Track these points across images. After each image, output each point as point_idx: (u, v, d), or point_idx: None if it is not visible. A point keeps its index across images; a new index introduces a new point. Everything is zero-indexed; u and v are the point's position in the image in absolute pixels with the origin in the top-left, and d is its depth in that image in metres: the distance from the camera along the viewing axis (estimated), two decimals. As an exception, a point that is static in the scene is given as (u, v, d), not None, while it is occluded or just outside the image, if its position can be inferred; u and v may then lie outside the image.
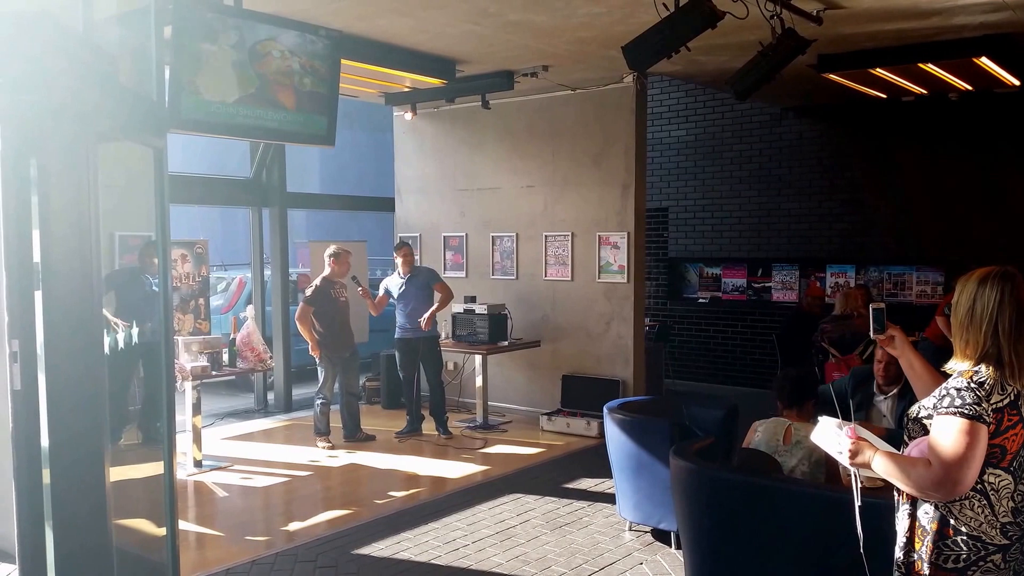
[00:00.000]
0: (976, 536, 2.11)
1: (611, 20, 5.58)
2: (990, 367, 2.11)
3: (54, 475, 2.42)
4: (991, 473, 2.12)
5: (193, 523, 5.15)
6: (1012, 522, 2.13)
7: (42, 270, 2.41)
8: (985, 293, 2.16)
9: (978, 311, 2.16)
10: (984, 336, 2.13)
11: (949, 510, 2.13)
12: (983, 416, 2.07)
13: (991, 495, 2.12)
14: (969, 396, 2.08)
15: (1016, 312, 2.12)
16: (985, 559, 2.11)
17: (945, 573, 2.13)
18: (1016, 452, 2.12)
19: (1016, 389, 2.11)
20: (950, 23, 5.69)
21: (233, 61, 5.44)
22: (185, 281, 7.33)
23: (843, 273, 8.84)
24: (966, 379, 2.12)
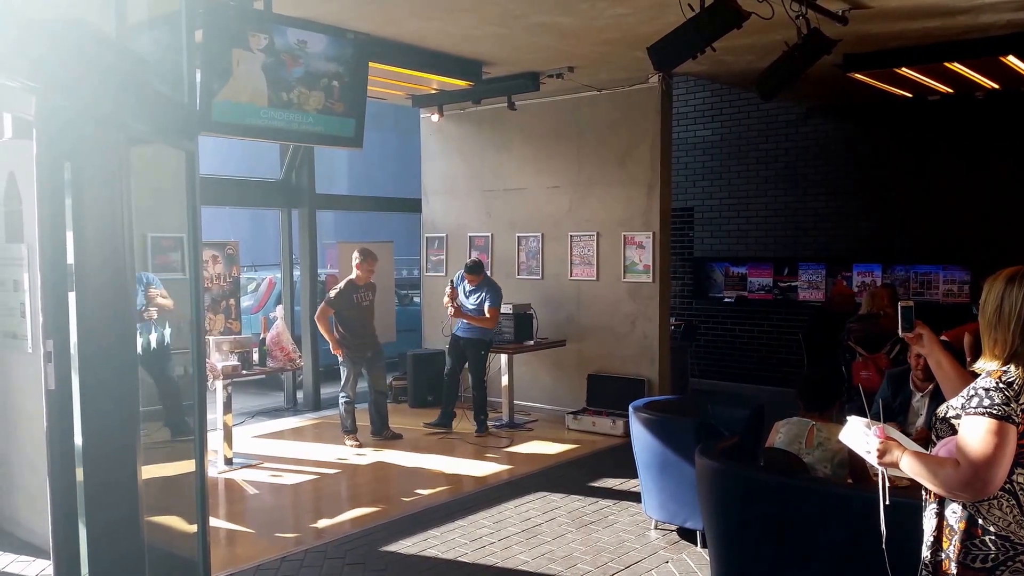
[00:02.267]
0: (1005, 536, 2.10)
1: (636, 21, 5.58)
2: (1020, 367, 2.10)
3: (87, 473, 2.45)
4: (1020, 473, 2.10)
5: (224, 520, 5.22)
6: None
7: (75, 271, 2.43)
8: (1013, 292, 2.14)
9: (1006, 310, 2.15)
10: (1012, 335, 2.12)
11: (977, 510, 2.12)
12: (1012, 416, 2.05)
13: (1020, 495, 2.10)
14: (998, 396, 2.07)
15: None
16: (1014, 559, 2.09)
17: (973, 573, 2.11)
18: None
19: None
20: (977, 21, 5.62)
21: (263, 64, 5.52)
22: (216, 282, 7.45)
23: (869, 272, 8.74)
24: (995, 379, 2.10)
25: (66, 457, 2.43)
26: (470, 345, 7.30)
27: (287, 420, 8.15)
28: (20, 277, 4.60)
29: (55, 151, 2.40)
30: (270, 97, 5.61)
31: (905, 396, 4.50)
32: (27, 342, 4.60)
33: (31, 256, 4.48)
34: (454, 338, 7.45)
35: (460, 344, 7.36)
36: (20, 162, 4.54)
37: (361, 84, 6.09)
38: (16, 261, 4.62)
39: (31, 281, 4.50)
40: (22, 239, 4.58)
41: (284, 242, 8.78)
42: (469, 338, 7.29)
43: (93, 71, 2.46)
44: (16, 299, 4.64)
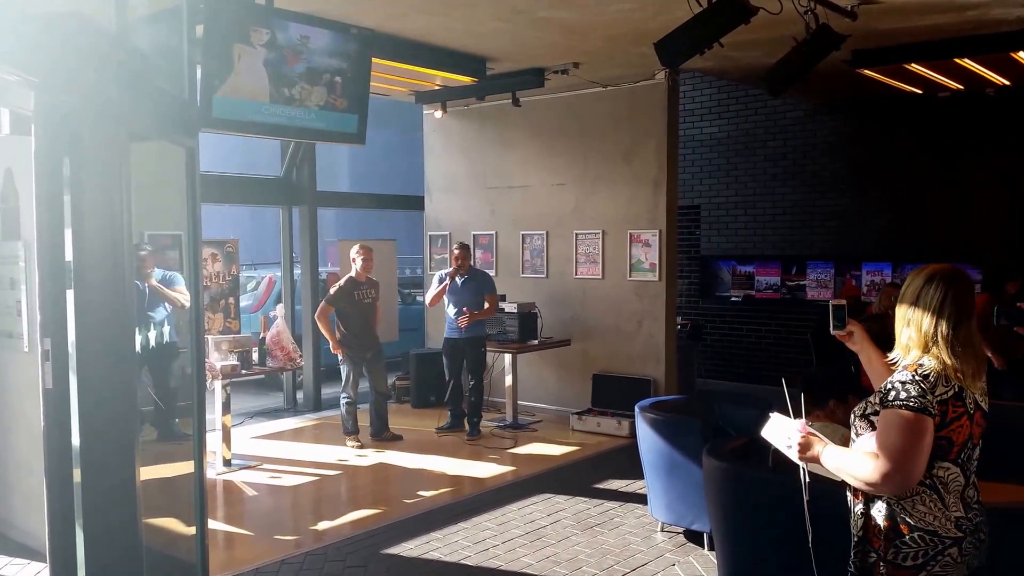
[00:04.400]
0: (931, 531, 2.12)
1: (643, 16, 5.52)
2: (934, 360, 2.14)
3: (85, 474, 2.42)
4: (940, 467, 2.14)
5: (222, 522, 5.17)
6: (964, 516, 2.15)
7: (74, 269, 2.41)
8: (929, 291, 2.19)
9: (920, 307, 2.20)
10: (925, 333, 2.17)
11: (902, 507, 2.15)
12: (928, 409, 2.09)
13: (940, 489, 2.14)
14: (914, 389, 2.10)
15: (956, 312, 2.16)
16: (942, 553, 2.12)
17: (904, 571, 2.13)
18: (963, 444, 2.15)
19: (962, 383, 2.14)
20: (988, 16, 5.55)
21: (265, 60, 5.47)
22: (215, 280, 7.39)
23: (880, 271, 8.65)
24: (910, 372, 2.14)
25: (63, 457, 2.42)
26: (470, 345, 7.16)
27: (287, 421, 8.10)
28: (16, 275, 4.58)
29: (54, 147, 2.39)
30: (272, 93, 5.56)
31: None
32: (23, 341, 4.56)
33: (28, 253, 4.46)
34: (449, 342, 7.25)
35: (459, 345, 7.20)
36: (17, 158, 4.52)
37: (364, 80, 6.03)
38: (12, 258, 4.59)
39: (28, 279, 4.47)
40: (19, 236, 4.55)
41: (284, 240, 8.73)
42: (469, 337, 7.15)
43: (93, 66, 2.44)
44: (12, 297, 4.61)
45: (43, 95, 2.36)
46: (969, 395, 2.16)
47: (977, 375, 2.19)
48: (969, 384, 2.16)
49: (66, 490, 2.40)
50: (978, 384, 2.20)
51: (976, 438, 2.21)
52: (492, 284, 7.32)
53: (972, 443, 2.19)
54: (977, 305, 2.27)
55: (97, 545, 2.44)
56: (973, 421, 2.17)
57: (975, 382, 2.18)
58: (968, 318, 2.18)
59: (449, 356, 7.30)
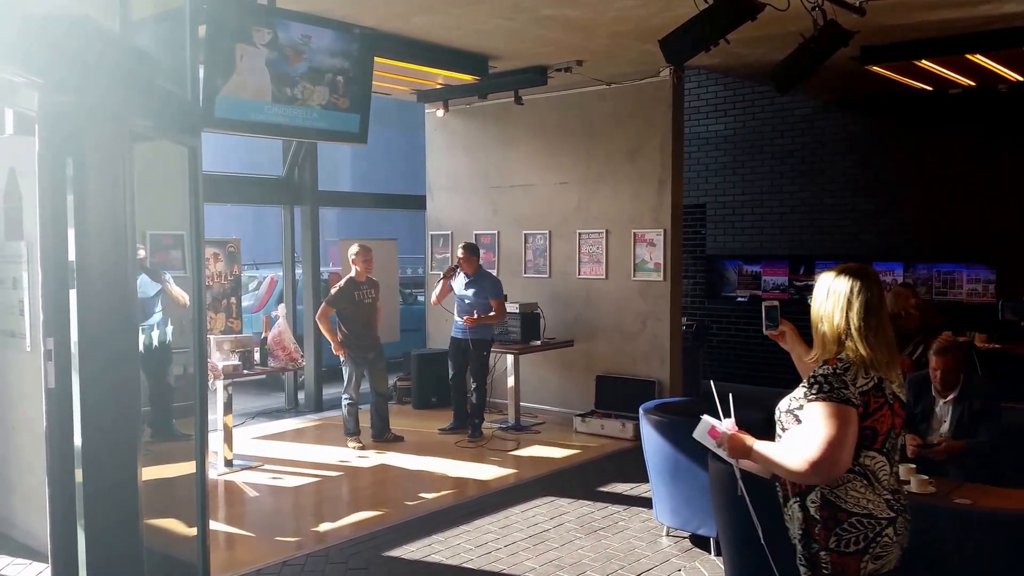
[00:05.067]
0: (868, 514, 2.20)
1: (647, 13, 5.48)
2: (851, 353, 2.24)
3: (86, 474, 2.42)
4: (866, 456, 2.22)
5: (223, 523, 5.14)
6: (892, 498, 2.25)
7: (77, 269, 2.41)
8: (839, 284, 2.31)
9: (831, 303, 2.31)
10: (840, 324, 2.27)
11: (836, 495, 2.22)
12: (851, 399, 2.17)
13: (869, 475, 2.22)
14: (836, 381, 2.19)
15: (864, 306, 2.26)
16: (880, 534, 2.20)
17: (848, 557, 2.19)
18: (887, 433, 2.24)
19: (880, 373, 2.23)
20: (999, 11, 5.50)
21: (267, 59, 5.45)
22: (217, 280, 7.37)
23: (890, 271, 8.56)
24: (831, 366, 2.23)
25: (65, 457, 2.41)
26: (472, 347, 7.12)
27: (288, 421, 8.07)
28: (19, 274, 4.59)
29: (57, 147, 2.39)
30: (274, 93, 5.53)
31: (927, 403, 4.37)
32: (25, 340, 4.57)
33: (31, 253, 4.47)
34: (454, 341, 7.27)
35: (461, 346, 7.19)
36: (21, 158, 4.52)
37: (366, 79, 6.00)
38: (15, 258, 4.61)
39: (30, 278, 4.48)
40: (22, 236, 4.57)
41: (286, 240, 8.70)
42: (472, 338, 7.11)
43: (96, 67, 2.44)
44: (15, 297, 4.62)
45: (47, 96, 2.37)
46: (888, 386, 2.25)
47: (891, 364, 2.27)
48: (886, 373, 2.24)
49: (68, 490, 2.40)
50: (893, 375, 2.29)
51: (898, 428, 2.29)
52: (497, 288, 7.21)
53: (895, 432, 2.28)
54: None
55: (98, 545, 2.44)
56: (894, 411, 2.26)
57: (890, 372, 2.27)
58: (877, 310, 2.27)
59: (453, 356, 7.29)
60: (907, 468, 3.75)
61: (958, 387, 4.27)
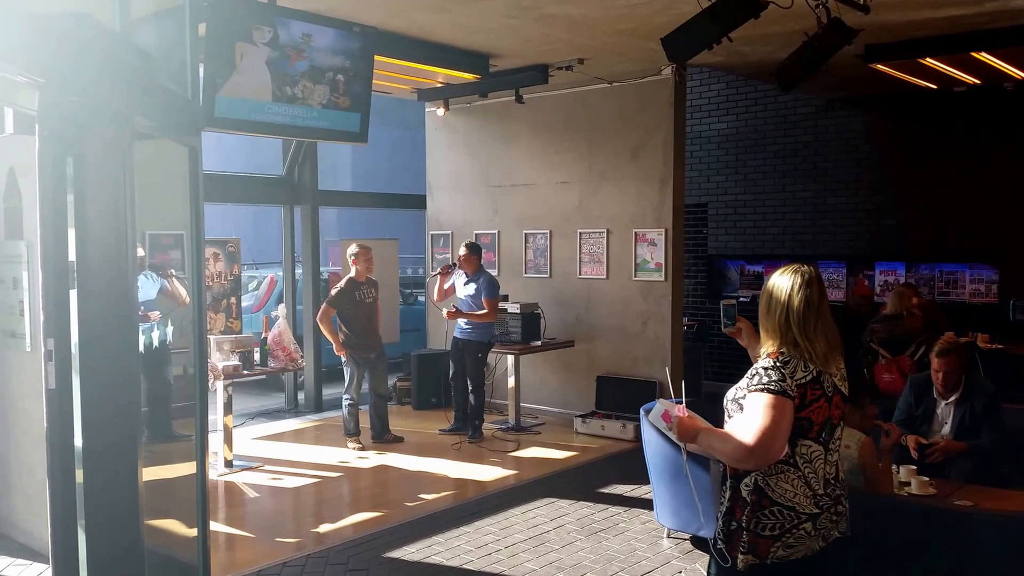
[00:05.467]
0: (789, 507, 2.34)
1: (650, 11, 5.45)
2: (792, 348, 2.37)
3: (87, 475, 2.41)
4: (802, 444, 2.36)
5: (224, 524, 5.13)
6: (824, 493, 2.37)
7: (77, 269, 2.40)
8: (780, 285, 2.44)
9: (774, 301, 2.44)
10: (779, 323, 2.40)
11: (766, 483, 2.36)
12: (787, 391, 2.30)
13: (804, 467, 2.35)
14: (775, 374, 2.33)
15: (805, 303, 2.38)
16: (797, 527, 2.33)
17: (763, 540, 2.34)
18: (822, 424, 2.37)
19: (818, 367, 2.35)
20: (1007, 7, 5.45)
21: (267, 58, 5.43)
22: (217, 280, 7.34)
23: (893, 271, 8.52)
24: (772, 359, 2.38)
25: (66, 458, 2.41)
26: (468, 347, 7.10)
27: (288, 422, 8.05)
28: (19, 275, 4.59)
29: (58, 146, 2.38)
30: (274, 92, 5.52)
31: (929, 404, 4.35)
32: (26, 340, 4.56)
33: (31, 253, 4.47)
34: (454, 340, 7.27)
35: (459, 345, 7.18)
36: (21, 158, 4.53)
37: (367, 78, 5.98)
38: (15, 258, 4.61)
39: (30, 279, 4.48)
40: (22, 236, 4.57)
41: (286, 239, 8.68)
42: (467, 340, 7.10)
43: (97, 66, 2.42)
44: (15, 297, 4.61)
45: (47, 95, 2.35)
46: (827, 379, 2.38)
47: (831, 358, 2.40)
48: (824, 367, 2.37)
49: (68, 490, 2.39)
50: (834, 368, 2.42)
51: (837, 419, 2.42)
52: (492, 289, 7.13)
53: (832, 423, 2.40)
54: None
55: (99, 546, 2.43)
56: (832, 403, 2.39)
57: (830, 365, 2.39)
58: (817, 307, 2.39)
59: (453, 356, 7.30)
60: (908, 469, 3.72)
61: (960, 388, 4.25)
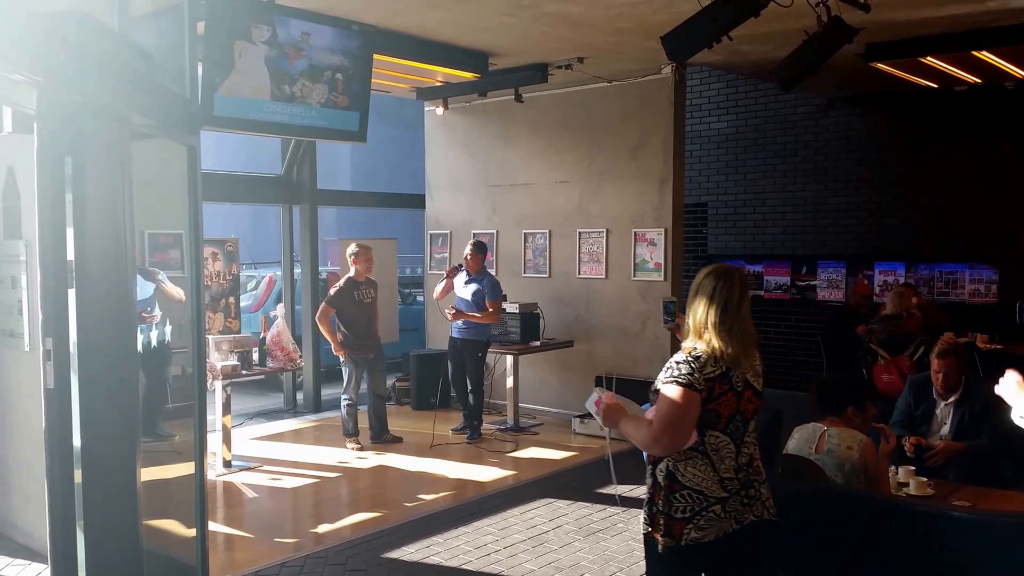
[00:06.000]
0: (698, 490, 2.51)
1: (650, 9, 5.43)
2: (706, 345, 2.53)
3: (86, 475, 2.41)
4: (711, 435, 2.52)
5: (222, 524, 5.11)
6: (733, 478, 2.53)
7: (75, 268, 2.39)
8: (704, 285, 2.59)
9: (696, 299, 2.60)
10: (701, 319, 2.56)
11: (677, 468, 2.54)
12: (695, 384, 2.48)
13: (712, 455, 2.52)
14: (685, 368, 2.51)
15: (723, 303, 2.54)
16: (707, 509, 2.50)
17: (676, 522, 2.52)
18: (730, 416, 2.53)
19: (728, 364, 2.52)
20: (1007, 6, 5.43)
21: (266, 57, 5.41)
22: (215, 279, 7.32)
23: (892, 271, 8.51)
24: (685, 354, 2.56)
25: (65, 458, 2.40)
26: (467, 347, 7.08)
27: (287, 422, 8.03)
28: (18, 274, 4.57)
29: (56, 145, 2.38)
30: (273, 91, 5.51)
31: (929, 404, 4.33)
32: (24, 340, 4.54)
33: (29, 252, 4.45)
34: (451, 340, 7.24)
35: (458, 345, 7.15)
36: (19, 157, 4.51)
37: (365, 77, 5.96)
38: (14, 258, 4.60)
39: (29, 278, 4.47)
40: (20, 235, 4.56)
41: (285, 239, 8.66)
42: (466, 339, 7.07)
43: (96, 64, 2.42)
44: (14, 296, 4.60)
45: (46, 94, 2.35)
46: (737, 375, 2.54)
47: (745, 357, 2.56)
48: (735, 365, 2.53)
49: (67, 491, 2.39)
50: (748, 365, 2.59)
51: (749, 413, 2.58)
52: (495, 290, 7.10)
53: (742, 417, 2.56)
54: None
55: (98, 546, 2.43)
56: (742, 398, 2.55)
57: (743, 363, 2.56)
58: (735, 308, 2.54)
59: (452, 355, 7.27)
60: (906, 470, 3.71)
61: (960, 389, 4.24)
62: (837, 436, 3.42)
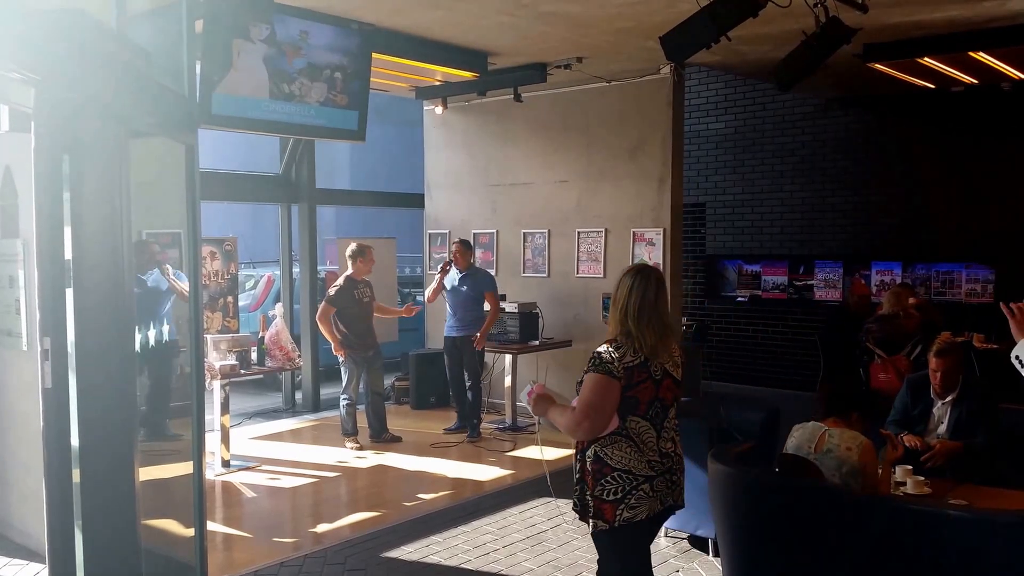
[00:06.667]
0: (627, 471, 2.70)
1: (649, 9, 5.43)
2: (624, 337, 2.76)
3: (84, 474, 2.41)
4: (632, 420, 2.73)
5: (221, 524, 5.11)
6: (658, 460, 2.75)
7: (73, 267, 2.39)
8: (625, 282, 2.82)
9: (617, 295, 2.83)
10: (620, 313, 2.79)
11: (604, 452, 2.73)
12: (613, 372, 2.69)
13: (635, 439, 2.73)
14: (605, 356, 2.72)
15: (640, 299, 2.76)
16: (636, 488, 2.70)
17: (608, 504, 2.70)
18: (649, 403, 2.75)
19: (646, 354, 2.73)
20: (1003, 9, 5.45)
21: (264, 55, 5.41)
22: (214, 279, 7.31)
23: (889, 271, 8.53)
24: (606, 344, 2.77)
25: (63, 457, 2.40)
26: (466, 344, 7.09)
27: (286, 421, 8.03)
28: (15, 273, 4.55)
29: (54, 144, 2.37)
30: (271, 89, 5.51)
31: (926, 404, 4.34)
32: (22, 340, 4.54)
33: (27, 251, 4.44)
34: (447, 340, 7.23)
35: (457, 344, 7.15)
36: (16, 155, 4.49)
37: (364, 76, 5.96)
38: (11, 256, 4.58)
39: (26, 277, 4.45)
40: (17, 234, 4.55)
41: (283, 238, 8.66)
42: (465, 336, 7.08)
43: (94, 62, 2.42)
44: (11, 296, 4.58)
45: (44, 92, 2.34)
46: (656, 365, 2.77)
47: (662, 347, 2.78)
48: (652, 355, 2.75)
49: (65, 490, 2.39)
50: (667, 356, 2.81)
51: (668, 400, 2.81)
52: (492, 282, 7.19)
53: (661, 404, 2.78)
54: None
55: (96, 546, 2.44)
56: (660, 386, 2.77)
57: (660, 353, 2.78)
58: (652, 304, 2.76)
59: (448, 354, 7.25)
60: (903, 469, 3.72)
61: (957, 388, 4.25)
62: (838, 437, 3.42)
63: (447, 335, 7.22)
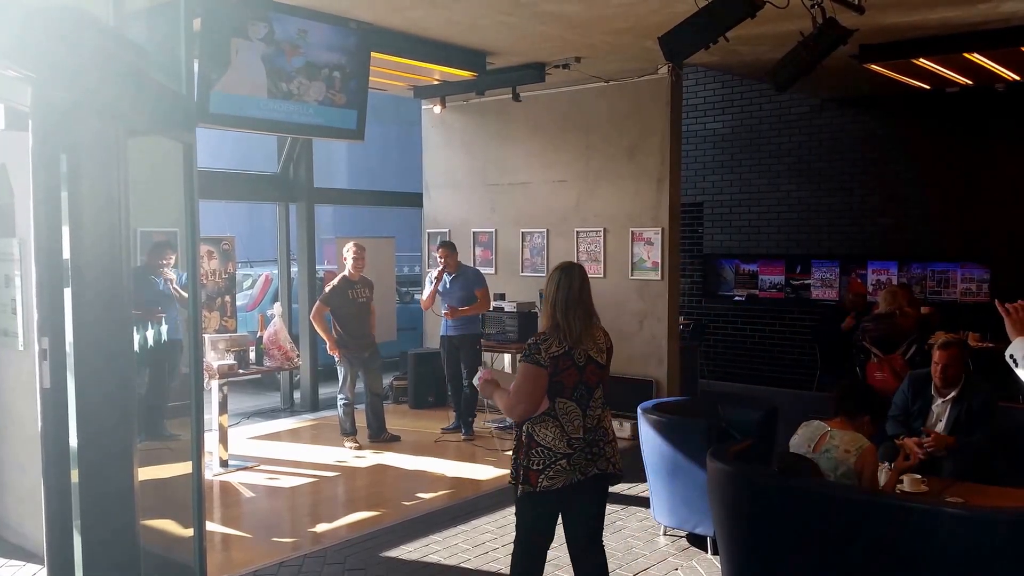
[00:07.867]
0: (548, 447, 3.11)
1: (647, 10, 5.44)
2: (552, 327, 3.12)
3: (82, 475, 2.40)
4: (559, 401, 3.12)
5: (219, 524, 5.10)
6: (580, 438, 3.13)
7: (71, 267, 2.38)
8: (553, 277, 3.16)
9: (547, 291, 3.17)
10: (550, 307, 3.14)
11: (533, 429, 3.14)
12: (540, 361, 3.07)
13: (561, 418, 3.12)
14: (534, 347, 3.10)
15: (566, 294, 3.11)
16: (555, 463, 3.11)
17: (532, 472, 3.14)
18: (574, 386, 3.12)
19: (570, 343, 3.08)
20: (997, 11, 5.49)
21: (262, 54, 5.40)
22: (211, 278, 7.30)
23: (885, 270, 8.57)
24: (535, 336, 3.14)
25: (61, 458, 2.39)
26: (464, 342, 7.08)
27: (284, 421, 8.02)
28: (11, 272, 4.53)
29: (51, 143, 2.36)
30: (269, 88, 5.50)
31: (926, 400, 4.35)
32: (18, 339, 4.52)
33: (23, 251, 4.42)
34: (443, 339, 7.22)
35: (454, 343, 7.14)
36: (13, 154, 4.48)
37: (363, 75, 5.95)
38: (7, 256, 4.56)
39: (23, 276, 4.43)
40: (14, 233, 4.52)
41: (281, 237, 8.66)
42: (462, 335, 7.08)
43: (91, 61, 2.41)
44: (7, 295, 4.57)
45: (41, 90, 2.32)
46: (580, 352, 3.11)
47: (585, 336, 3.12)
48: (577, 343, 3.09)
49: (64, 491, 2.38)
50: (590, 343, 3.15)
51: (592, 383, 3.16)
52: (481, 279, 7.19)
53: (586, 386, 3.14)
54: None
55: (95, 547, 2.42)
56: (584, 371, 3.13)
57: (585, 340, 3.12)
58: (576, 297, 3.10)
59: (447, 354, 7.25)
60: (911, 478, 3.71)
61: (959, 385, 4.25)
62: (839, 438, 3.42)
63: (443, 334, 7.21)
